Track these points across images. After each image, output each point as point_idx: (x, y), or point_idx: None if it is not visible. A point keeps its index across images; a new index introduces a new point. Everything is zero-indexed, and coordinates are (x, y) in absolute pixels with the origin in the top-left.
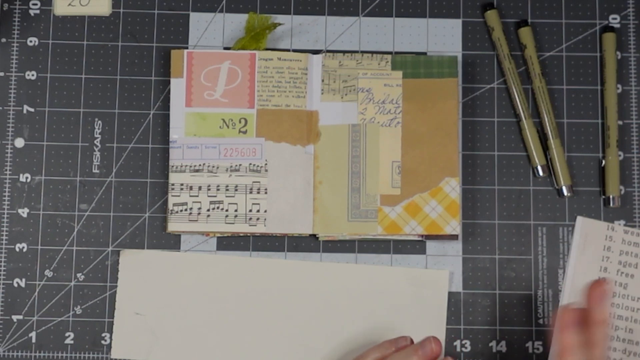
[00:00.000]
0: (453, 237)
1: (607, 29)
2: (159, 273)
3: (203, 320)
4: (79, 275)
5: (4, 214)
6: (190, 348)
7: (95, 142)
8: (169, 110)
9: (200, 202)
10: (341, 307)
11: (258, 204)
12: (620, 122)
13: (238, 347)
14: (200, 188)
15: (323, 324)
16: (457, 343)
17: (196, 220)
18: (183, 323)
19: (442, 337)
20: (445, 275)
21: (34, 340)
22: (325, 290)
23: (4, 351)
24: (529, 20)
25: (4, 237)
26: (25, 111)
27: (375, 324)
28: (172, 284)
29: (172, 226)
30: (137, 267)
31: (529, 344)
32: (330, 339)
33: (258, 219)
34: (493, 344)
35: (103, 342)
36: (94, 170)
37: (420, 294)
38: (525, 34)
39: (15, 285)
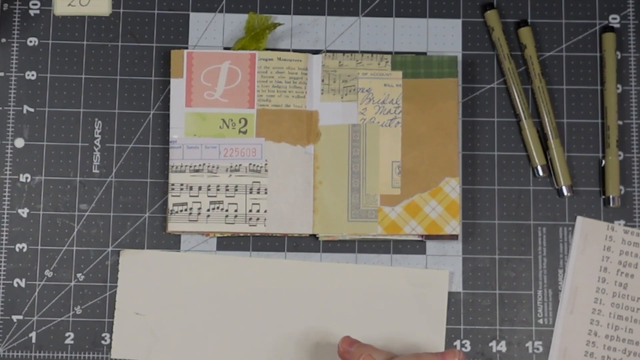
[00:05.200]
0: (453, 237)
1: (607, 29)
2: (159, 273)
3: (203, 320)
4: (79, 275)
5: (4, 214)
6: (190, 348)
7: (95, 142)
8: (169, 110)
9: (200, 202)
10: (341, 307)
11: (258, 204)
12: (620, 122)
13: (238, 347)
14: (200, 188)
15: (323, 324)
16: (457, 343)
17: (196, 221)
18: (183, 323)
19: (442, 337)
20: (445, 275)
21: (34, 340)
22: (325, 290)
23: (4, 351)
24: (529, 20)
25: (4, 237)
26: (25, 111)
27: (375, 324)
28: (172, 284)
29: (172, 226)
30: (137, 267)
31: (529, 344)
32: (330, 339)
33: (258, 219)
34: (493, 344)
35: (103, 342)
36: (94, 170)
37: (420, 294)
38: (525, 34)
39: (15, 285)
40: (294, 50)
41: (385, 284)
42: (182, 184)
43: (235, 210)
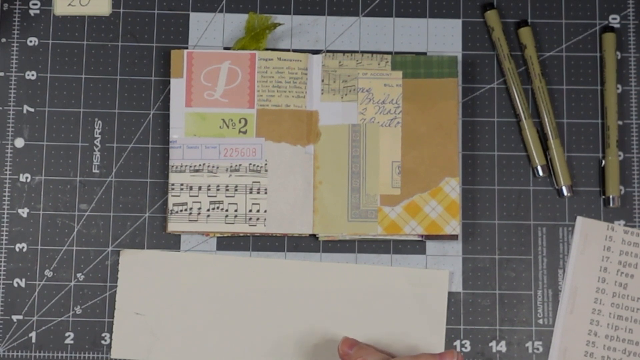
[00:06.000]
0: (453, 237)
1: (607, 29)
2: (159, 273)
3: (203, 320)
4: (79, 275)
5: (4, 214)
6: (190, 348)
7: (95, 142)
8: (169, 110)
9: (200, 202)
10: (341, 307)
11: (258, 204)
12: (620, 122)
13: (238, 347)
14: (200, 188)
15: (323, 324)
16: (457, 343)
17: (196, 220)
18: (183, 323)
19: (442, 337)
20: (445, 275)
21: (34, 340)
22: (325, 290)
23: (4, 351)
24: (529, 20)
25: (4, 237)
26: (25, 111)
27: (375, 324)
28: (172, 284)
29: (172, 226)
30: (137, 267)
31: (529, 344)
32: (330, 339)
33: (258, 219)
34: (493, 344)
35: (103, 342)
36: (94, 170)
37: (420, 294)
38: (525, 34)
39: (15, 285)
40: (294, 50)
41: (385, 284)
42: (182, 184)
43: (235, 210)
